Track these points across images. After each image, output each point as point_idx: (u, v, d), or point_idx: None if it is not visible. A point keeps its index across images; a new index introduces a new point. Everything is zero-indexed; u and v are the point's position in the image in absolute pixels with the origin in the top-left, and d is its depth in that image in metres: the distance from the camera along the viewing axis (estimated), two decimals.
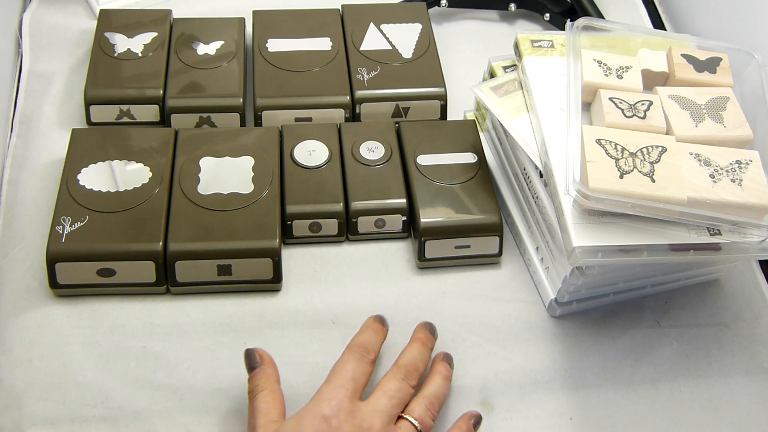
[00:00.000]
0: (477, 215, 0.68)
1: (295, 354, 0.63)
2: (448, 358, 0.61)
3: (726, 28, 0.86)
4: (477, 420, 0.59)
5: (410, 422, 0.55)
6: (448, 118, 0.79)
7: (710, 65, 0.67)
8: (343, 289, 0.67)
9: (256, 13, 0.84)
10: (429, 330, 0.62)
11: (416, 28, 0.84)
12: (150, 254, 0.63)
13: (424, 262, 0.68)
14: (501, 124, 0.67)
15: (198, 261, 0.64)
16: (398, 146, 0.73)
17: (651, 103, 0.63)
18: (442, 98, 0.78)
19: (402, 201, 0.69)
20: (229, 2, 0.89)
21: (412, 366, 0.58)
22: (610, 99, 0.62)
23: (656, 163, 0.58)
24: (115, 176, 0.68)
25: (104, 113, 0.76)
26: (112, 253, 0.63)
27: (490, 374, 0.63)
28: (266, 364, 0.58)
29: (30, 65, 0.82)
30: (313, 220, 0.68)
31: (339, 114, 0.77)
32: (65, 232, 0.64)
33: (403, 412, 0.56)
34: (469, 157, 0.72)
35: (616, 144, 0.59)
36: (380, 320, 0.61)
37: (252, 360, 0.58)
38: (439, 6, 0.90)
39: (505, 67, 0.72)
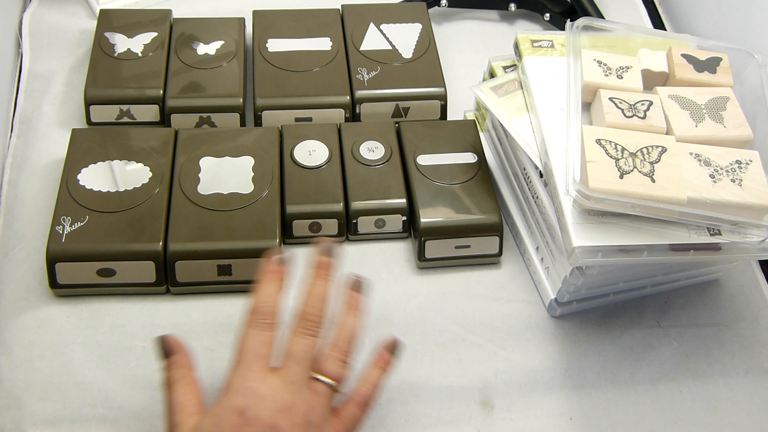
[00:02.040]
0: (477, 215, 0.68)
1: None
2: (358, 284, 0.57)
3: (726, 28, 0.86)
4: (393, 346, 0.56)
5: (325, 383, 0.53)
6: (448, 118, 0.79)
7: (710, 65, 0.67)
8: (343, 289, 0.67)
9: (256, 13, 0.84)
10: (327, 252, 0.57)
11: (416, 28, 0.84)
12: (150, 254, 0.63)
13: (424, 262, 0.68)
14: (501, 124, 0.67)
15: (198, 261, 0.64)
16: (398, 146, 0.73)
17: (651, 103, 0.63)
18: (442, 98, 0.78)
19: (402, 201, 0.69)
20: (229, 2, 0.89)
21: (315, 313, 0.54)
22: (610, 99, 0.62)
23: (656, 163, 0.58)
24: (115, 176, 0.68)
25: (104, 113, 0.76)
26: (112, 253, 0.63)
27: (490, 374, 0.63)
28: (179, 352, 0.54)
29: (30, 65, 0.82)
30: (313, 220, 0.68)
31: (339, 114, 0.77)
32: (65, 232, 0.64)
33: (315, 370, 0.53)
34: (469, 157, 0.72)
35: (616, 144, 0.59)
36: (276, 260, 0.56)
37: (164, 348, 0.54)
38: (439, 6, 0.90)
39: (505, 67, 0.72)
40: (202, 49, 0.80)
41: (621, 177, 0.57)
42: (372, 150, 0.72)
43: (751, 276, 0.72)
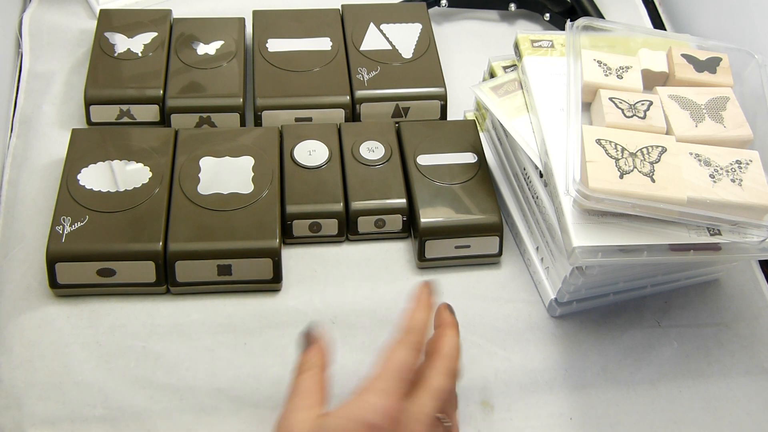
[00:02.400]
0: (477, 215, 0.68)
1: (295, 354, 0.62)
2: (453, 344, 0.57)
3: (726, 28, 0.86)
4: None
5: (446, 426, 0.53)
6: (448, 118, 0.79)
7: (710, 65, 0.67)
8: (343, 289, 0.67)
9: (256, 13, 0.84)
10: (450, 311, 0.59)
11: (416, 28, 0.84)
12: (150, 254, 0.63)
13: (424, 262, 0.68)
14: (501, 124, 0.67)
15: (198, 261, 0.64)
16: (398, 146, 0.73)
17: (651, 103, 0.63)
18: (442, 98, 0.78)
19: (402, 201, 0.69)
20: (229, 2, 0.89)
21: (455, 359, 0.55)
22: (610, 99, 0.62)
23: (656, 163, 0.58)
24: (115, 176, 0.68)
25: (104, 113, 0.76)
26: (112, 253, 0.63)
27: (490, 374, 0.63)
28: (318, 347, 0.55)
29: (30, 65, 0.82)
30: (313, 220, 0.68)
31: (339, 114, 0.77)
32: (65, 232, 0.64)
33: (442, 412, 0.54)
34: (469, 157, 0.72)
35: (616, 144, 0.59)
36: (427, 289, 0.57)
37: (307, 341, 0.55)
38: (439, 6, 0.90)
39: (505, 67, 0.72)
40: (202, 49, 0.80)
41: (621, 177, 0.57)
42: (372, 150, 0.72)
43: (751, 276, 0.72)
